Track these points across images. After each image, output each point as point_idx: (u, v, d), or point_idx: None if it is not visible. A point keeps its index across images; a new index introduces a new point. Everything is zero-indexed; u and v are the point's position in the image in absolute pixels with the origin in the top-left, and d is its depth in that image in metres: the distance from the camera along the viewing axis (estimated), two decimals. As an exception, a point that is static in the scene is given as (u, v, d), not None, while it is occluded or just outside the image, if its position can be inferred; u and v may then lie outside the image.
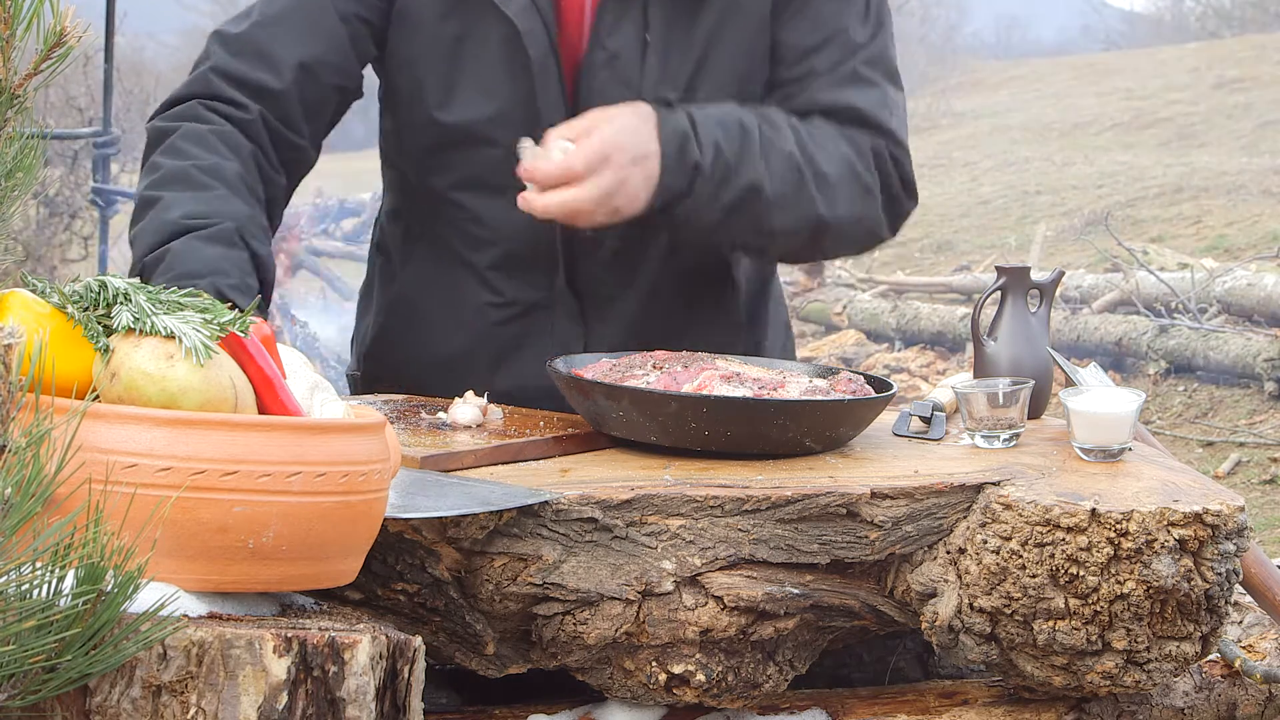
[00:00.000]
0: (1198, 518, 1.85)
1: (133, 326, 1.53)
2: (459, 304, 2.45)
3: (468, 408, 2.16)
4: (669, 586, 1.85)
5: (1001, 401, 2.10)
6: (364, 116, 4.00)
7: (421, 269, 2.47)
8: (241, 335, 1.58)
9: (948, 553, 1.92)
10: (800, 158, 2.28)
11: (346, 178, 13.97)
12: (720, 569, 1.86)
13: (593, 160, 2.15)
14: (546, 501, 1.82)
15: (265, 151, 2.31)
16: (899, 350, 9.61)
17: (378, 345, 2.54)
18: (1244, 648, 2.25)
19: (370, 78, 2.47)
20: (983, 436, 2.10)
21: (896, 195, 2.40)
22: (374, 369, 2.55)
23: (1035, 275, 2.36)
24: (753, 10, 2.37)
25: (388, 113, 2.48)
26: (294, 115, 2.32)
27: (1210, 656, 2.12)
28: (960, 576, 1.91)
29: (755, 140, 2.25)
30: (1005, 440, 2.10)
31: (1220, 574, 1.87)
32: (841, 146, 2.33)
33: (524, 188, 2.21)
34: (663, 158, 2.19)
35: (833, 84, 2.38)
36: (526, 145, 2.19)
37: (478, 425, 2.14)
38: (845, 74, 2.38)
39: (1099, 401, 2.05)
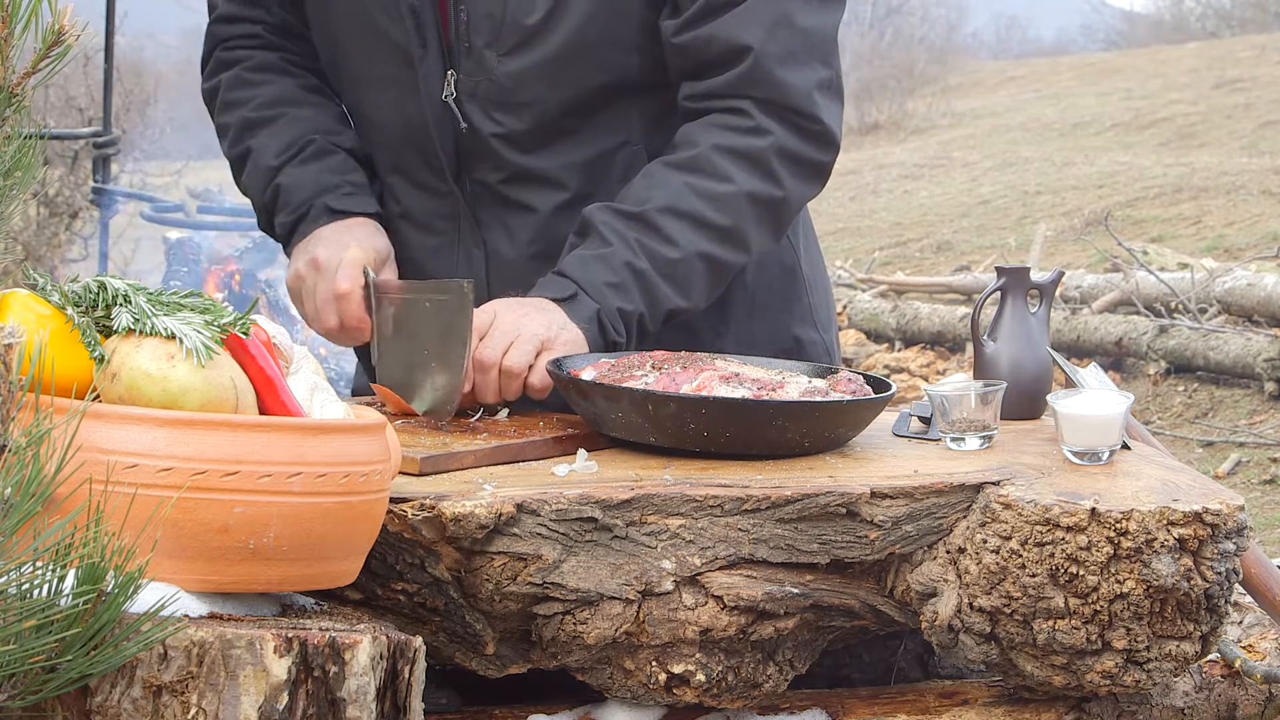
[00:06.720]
0: (1197, 517, 1.85)
1: (132, 328, 1.53)
2: None
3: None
4: (669, 586, 1.85)
5: (974, 404, 2.09)
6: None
7: None
8: (242, 336, 1.58)
9: (947, 552, 1.92)
10: (702, 244, 2.21)
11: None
12: (720, 569, 1.86)
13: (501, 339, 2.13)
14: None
15: (289, 50, 2.47)
16: (899, 350, 9.61)
17: None
18: (1244, 648, 2.25)
19: None
20: (952, 439, 2.10)
21: (809, 162, 2.26)
22: None
23: (1035, 275, 2.36)
24: None
25: None
26: (292, 26, 2.47)
27: (1210, 656, 2.12)
28: (960, 576, 1.91)
29: (651, 277, 2.20)
30: (977, 443, 2.09)
31: (1220, 573, 1.87)
32: (737, 183, 2.22)
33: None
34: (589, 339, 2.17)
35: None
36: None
37: (478, 420, 2.15)
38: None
39: (1086, 404, 2.04)
